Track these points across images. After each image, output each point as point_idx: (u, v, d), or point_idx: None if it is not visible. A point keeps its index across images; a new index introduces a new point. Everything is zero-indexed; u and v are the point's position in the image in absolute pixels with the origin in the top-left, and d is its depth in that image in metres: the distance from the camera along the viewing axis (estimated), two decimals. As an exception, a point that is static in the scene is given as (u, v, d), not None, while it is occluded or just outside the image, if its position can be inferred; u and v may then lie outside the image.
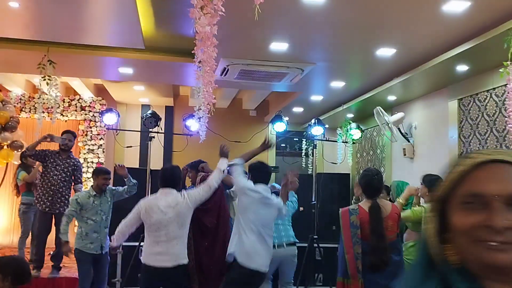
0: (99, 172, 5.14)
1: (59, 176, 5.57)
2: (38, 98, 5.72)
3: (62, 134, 5.76)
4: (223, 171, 4.13)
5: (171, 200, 3.99)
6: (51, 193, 5.52)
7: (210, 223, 4.25)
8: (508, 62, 3.65)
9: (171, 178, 4.13)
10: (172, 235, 3.92)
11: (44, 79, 5.09)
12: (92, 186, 5.06)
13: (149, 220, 3.95)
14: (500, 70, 3.67)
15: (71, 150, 5.83)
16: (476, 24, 4.04)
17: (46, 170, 5.56)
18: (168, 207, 3.94)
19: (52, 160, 5.56)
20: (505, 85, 4.68)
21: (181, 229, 3.96)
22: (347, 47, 4.93)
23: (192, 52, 3.16)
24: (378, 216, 3.61)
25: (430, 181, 4.53)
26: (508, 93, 3.73)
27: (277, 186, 5.58)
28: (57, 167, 5.59)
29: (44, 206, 5.53)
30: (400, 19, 4.14)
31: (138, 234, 4.52)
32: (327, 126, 7.84)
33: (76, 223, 5.03)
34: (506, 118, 3.99)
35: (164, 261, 3.87)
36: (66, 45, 5.23)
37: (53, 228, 5.66)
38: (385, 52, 4.93)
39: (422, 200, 4.54)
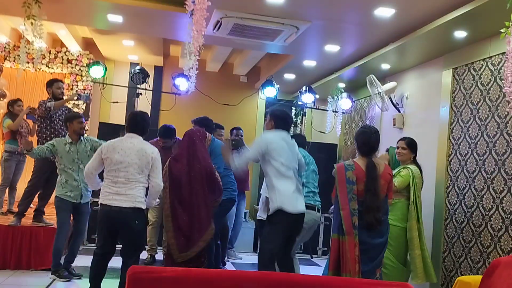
0: (73, 117, 4.99)
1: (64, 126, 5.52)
2: (25, 47, 5.48)
3: (53, 84, 5.65)
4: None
5: (136, 143, 3.89)
6: None
7: (178, 171, 4.23)
8: (510, 23, 3.54)
9: (141, 123, 4.04)
10: (131, 177, 3.83)
11: (29, 19, 4.88)
12: (68, 134, 4.93)
13: (110, 160, 3.85)
14: (501, 30, 3.57)
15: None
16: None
17: (53, 122, 5.43)
18: (131, 149, 3.85)
19: (54, 111, 5.48)
20: (503, 53, 4.62)
21: (141, 174, 3.87)
22: (345, 3, 4.77)
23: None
24: (374, 175, 3.61)
25: (412, 143, 4.54)
26: (507, 55, 3.63)
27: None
28: (60, 117, 5.53)
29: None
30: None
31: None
32: (317, 96, 7.74)
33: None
34: (502, 82, 3.92)
35: (121, 201, 3.78)
36: (54, -17, 5.02)
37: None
38: (384, 12, 4.79)
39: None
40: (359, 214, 3.54)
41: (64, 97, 5.74)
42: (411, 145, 4.67)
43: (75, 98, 5.39)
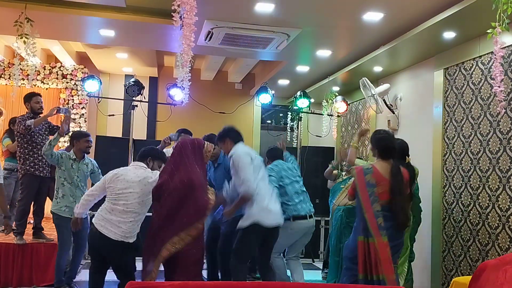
0: (81, 135, 5.00)
1: (45, 140, 5.47)
2: (19, 65, 5.46)
3: (31, 98, 5.54)
4: None
5: (139, 174, 3.95)
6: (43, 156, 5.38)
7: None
8: (497, 23, 3.58)
9: (147, 153, 4.15)
10: (130, 206, 3.85)
11: (21, 37, 4.90)
12: (73, 150, 4.94)
13: (112, 188, 3.92)
14: (488, 31, 3.61)
15: None
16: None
17: (33, 137, 5.40)
18: (135, 180, 3.90)
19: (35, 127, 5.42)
20: (492, 52, 4.65)
21: (141, 205, 3.90)
22: (334, 10, 4.82)
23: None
24: (400, 177, 3.72)
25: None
26: (495, 55, 3.66)
27: None
28: (40, 131, 5.48)
29: (41, 169, 5.38)
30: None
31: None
32: (312, 100, 7.77)
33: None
34: (492, 81, 3.95)
35: (110, 233, 3.82)
36: (45, 2, 5.04)
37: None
38: (373, 16, 4.84)
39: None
40: (384, 217, 3.62)
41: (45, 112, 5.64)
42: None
43: (54, 112, 5.31)
